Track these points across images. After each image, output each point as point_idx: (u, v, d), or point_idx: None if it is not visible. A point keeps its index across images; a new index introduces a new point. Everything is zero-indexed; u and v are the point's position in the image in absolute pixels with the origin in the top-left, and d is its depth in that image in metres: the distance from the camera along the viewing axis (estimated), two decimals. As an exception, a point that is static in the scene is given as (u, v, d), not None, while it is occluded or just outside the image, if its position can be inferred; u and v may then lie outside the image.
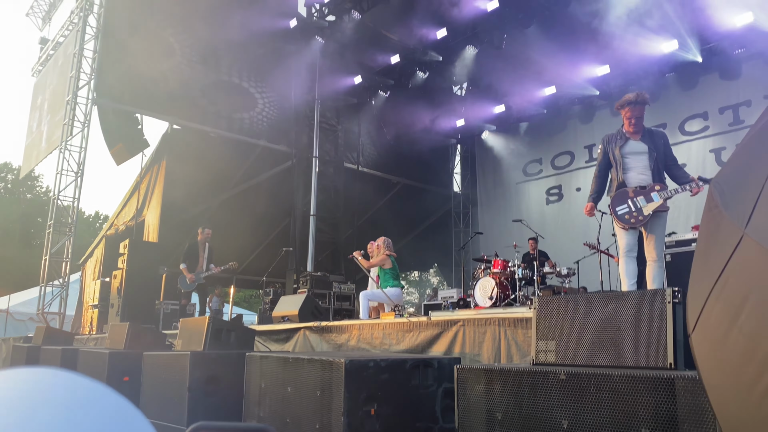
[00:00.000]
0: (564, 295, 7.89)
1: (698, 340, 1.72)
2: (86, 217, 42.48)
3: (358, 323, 5.46)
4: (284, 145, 14.16)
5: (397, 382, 3.21)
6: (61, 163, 12.17)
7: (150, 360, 4.94)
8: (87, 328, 11.73)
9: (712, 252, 1.65)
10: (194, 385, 4.21)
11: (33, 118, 15.38)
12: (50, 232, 12.25)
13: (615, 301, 2.59)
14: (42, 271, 12.26)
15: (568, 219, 14.66)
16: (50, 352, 6.84)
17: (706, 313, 1.64)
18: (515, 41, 12.76)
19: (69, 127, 12.11)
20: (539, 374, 2.49)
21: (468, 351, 4.10)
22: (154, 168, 12.96)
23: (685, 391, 2.06)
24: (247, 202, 14.12)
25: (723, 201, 1.59)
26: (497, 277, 8.48)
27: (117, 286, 10.50)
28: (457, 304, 10.42)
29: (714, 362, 1.63)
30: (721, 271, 1.53)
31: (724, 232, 1.56)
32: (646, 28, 11.45)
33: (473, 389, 2.71)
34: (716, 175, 1.80)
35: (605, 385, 2.25)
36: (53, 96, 13.66)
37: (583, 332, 2.64)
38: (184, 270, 9.63)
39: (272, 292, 11.17)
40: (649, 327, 2.44)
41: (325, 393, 3.17)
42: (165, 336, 6.39)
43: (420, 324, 4.64)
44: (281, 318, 7.11)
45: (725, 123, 12.50)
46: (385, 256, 7.98)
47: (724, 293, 1.54)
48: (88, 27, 12.54)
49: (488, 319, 4.04)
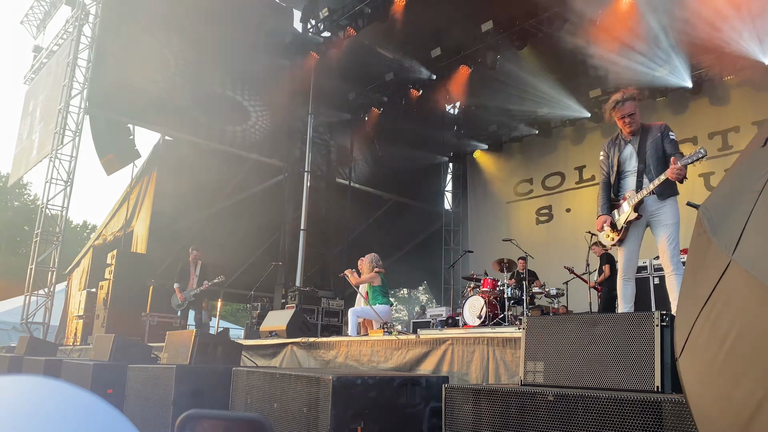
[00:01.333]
0: (553, 315, 7.90)
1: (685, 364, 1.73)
2: (74, 227, 42.15)
3: (347, 340, 5.44)
4: (276, 158, 14.17)
5: (384, 400, 3.19)
6: (50, 171, 12.11)
7: (135, 373, 4.89)
8: (71, 339, 11.58)
9: (700, 277, 1.66)
10: (179, 400, 4.17)
11: (24, 125, 15.30)
12: (37, 241, 12.14)
13: (604, 322, 2.60)
14: (27, 280, 12.12)
15: (558, 239, 14.72)
16: (33, 363, 6.74)
17: (693, 337, 1.65)
18: (509, 62, 12.89)
19: (60, 136, 12.06)
20: (527, 395, 2.48)
21: (456, 370, 4.09)
22: (144, 179, 12.91)
23: (672, 414, 2.06)
24: (238, 216, 14.08)
25: (711, 227, 1.61)
26: (486, 296, 8.49)
27: (103, 297, 10.41)
28: (446, 323, 10.41)
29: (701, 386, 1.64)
30: (709, 296, 1.54)
31: (712, 258, 1.58)
32: (638, 53, 11.62)
33: (461, 409, 2.70)
34: (705, 200, 1.82)
35: (593, 407, 2.25)
36: (45, 104, 13.62)
37: (571, 353, 2.65)
38: (176, 290, 9.67)
39: (260, 306, 11.10)
40: (637, 350, 2.45)
41: (311, 410, 3.15)
42: (151, 348, 6.33)
43: (408, 342, 4.62)
44: (269, 333, 7.07)
45: (714, 148, 12.65)
46: (374, 272, 7.97)
47: (711, 318, 1.55)
48: (82, 36, 12.55)
49: (477, 338, 4.04)
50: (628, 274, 4.50)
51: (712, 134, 12.76)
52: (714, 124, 12.73)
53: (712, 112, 12.77)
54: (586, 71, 12.29)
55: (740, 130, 12.18)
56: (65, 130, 12.10)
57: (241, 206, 14.29)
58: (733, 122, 12.40)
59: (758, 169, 1.47)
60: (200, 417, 1.01)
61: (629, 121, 4.52)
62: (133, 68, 11.55)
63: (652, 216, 4.41)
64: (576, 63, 11.65)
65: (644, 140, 4.48)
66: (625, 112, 4.52)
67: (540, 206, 15.93)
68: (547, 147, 15.82)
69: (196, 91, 12.63)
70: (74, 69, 12.31)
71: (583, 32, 11.24)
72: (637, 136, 4.52)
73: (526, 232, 15.56)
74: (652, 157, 4.40)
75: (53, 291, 12.29)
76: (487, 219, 17.22)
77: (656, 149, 4.41)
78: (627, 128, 4.56)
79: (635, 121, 4.53)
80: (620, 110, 4.53)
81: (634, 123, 4.54)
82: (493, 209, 17.15)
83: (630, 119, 4.51)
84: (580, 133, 15.08)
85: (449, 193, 18.98)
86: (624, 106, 4.51)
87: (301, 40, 13.89)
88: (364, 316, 7.95)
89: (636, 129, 4.55)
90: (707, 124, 12.83)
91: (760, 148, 1.56)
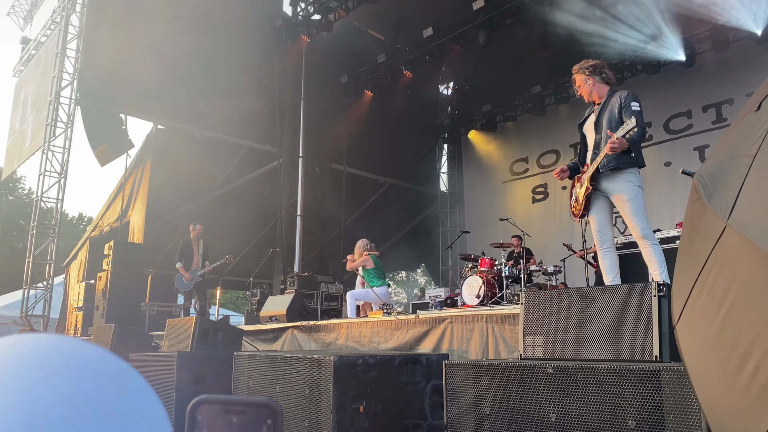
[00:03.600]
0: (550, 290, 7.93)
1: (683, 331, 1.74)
2: (69, 219, 42.02)
3: (347, 322, 5.46)
4: (270, 145, 14.11)
5: (385, 380, 3.21)
6: (44, 164, 12.04)
7: (136, 361, 4.91)
8: (72, 331, 11.61)
9: (696, 243, 1.67)
10: (181, 386, 4.19)
11: (15, 119, 15.19)
12: (33, 234, 12.11)
13: (601, 295, 2.61)
14: (25, 274, 12.11)
15: (554, 217, 14.76)
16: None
17: (690, 304, 1.65)
18: (501, 40, 12.81)
19: (52, 128, 11.98)
20: (527, 368, 2.50)
21: (456, 348, 4.12)
22: (138, 169, 12.86)
23: (671, 382, 2.08)
24: (233, 203, 14.05)
25: (706, 193, 1.61)
26: (484, 276, 8.52)
27: (102, 288, 10.41)
28: (445, 303, 10.44)
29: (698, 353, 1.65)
30: (705, 261, 1.55)
31: (707, 224, 1.58)
32: (630, 26, 11.56)
33: (461, 385, 2.72)
34: (699, 168, 1.82)
35: (592, 378, 2.27)
36: (36, 96, 13.51)
37: (569, 327, 2.66)
38: (180, 269, 9.59)
39: (259, 292, 11.13)
40: (635, 320, 2.46)
41: (314, 391, 3.17)
42: (152, 337, 6.35)
43: (408, 322, 4.64)
44: (269, 318, 7.09)
45: (708, 121, 12.65)
46: (366, 255, 8.03)
47: (707, 284, 1.56)
48: (70, 26, 12.41)
49: (476, 316, 4.06)
50: (605, 245, 4.42)
51: (705, 107, 12.75)
52: (707, 97, 12.72)
53: (706, 85, 12.75)
54: (579, 47, 12.24)
55: (734, 103, 12.17)
56: (57, 122, 12.01)
57: (236, 193, 14.27)
58: (727, 94, 12.38)
59: (752, 133, 1.47)
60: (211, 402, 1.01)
61: (579, 93, 4.54)
62: (123, 57, 11.44)
63: (607, 189, 4.34)
64: (569, 39, 11.57)
65: (603, 110, 4.39)
66: (575, 86, 4.57)
67: (536, 185, 15.94)
68: (541, 125, 15.79)
69: (188, 79, 12.53)
70: (63, 60, 12.19)
71: (575, 8, 11.16)
72: (602, 105, 4.43)
73: (522, 210, 15.59)
74: (605, 127, 4.30)
75: (52, 284, 12.28)
76: (483, 199, 17.23)
77: (611, 119, 4.29)
78: (585, 99, 4.55)
79: (585, 93, 4.50)
80: (573, 84, 4.59)
81: (586, 95, 4.50)
82: (488, 189, 17.15)
83: (580, 91, 4.53)
84: (575, 110, 15.04)
85: (444, 174, 18.98)
86: (574, 81, 4.57)
87: (290, 24, 13.77)
88: (362, 298, 8.00)
89: (594, 99, 4.49)
90: (701, 97, 12.82)
91: (753, 113, 1.55)
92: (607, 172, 4.25)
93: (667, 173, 12.62)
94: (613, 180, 4.27)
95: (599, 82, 4.46)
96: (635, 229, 4.18)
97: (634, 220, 4.17)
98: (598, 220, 4.43)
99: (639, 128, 3.95)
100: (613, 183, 4.28)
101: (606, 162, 4.22)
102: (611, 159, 4.19)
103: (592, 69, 4.48)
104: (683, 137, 13.06)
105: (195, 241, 9.82)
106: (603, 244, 4.43)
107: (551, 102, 15.34)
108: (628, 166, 4.22)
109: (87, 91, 11.70)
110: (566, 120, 15.21)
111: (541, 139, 15.89)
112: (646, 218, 4.21)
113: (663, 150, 13.18)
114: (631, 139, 4.01)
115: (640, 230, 4.16)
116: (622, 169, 4.21)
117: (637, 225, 4.16)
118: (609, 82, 4.51)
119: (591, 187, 4.32)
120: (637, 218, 4.17)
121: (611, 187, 4.30)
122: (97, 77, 11.54)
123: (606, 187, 4.32)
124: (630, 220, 4.20)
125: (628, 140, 4.00)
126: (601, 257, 4.46)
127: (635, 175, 4.25)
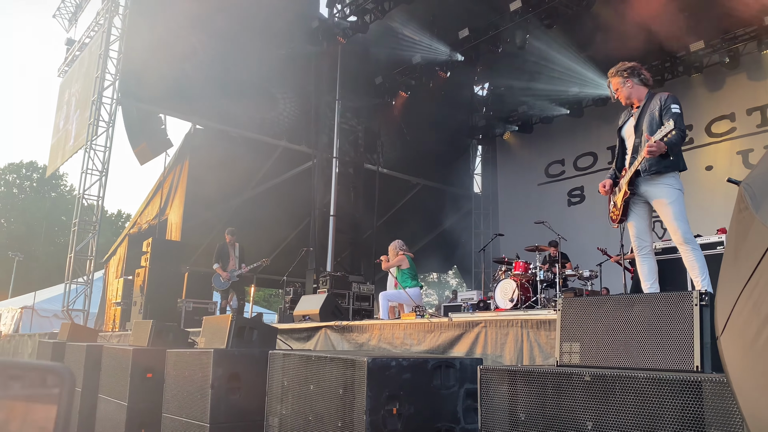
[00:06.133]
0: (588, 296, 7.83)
1: (727, 342, 1.70)
2: (109, 216, 43.13)
3: (380, 323, 5.48)
4: (305, 145, 14.24)
5: (419, 382, 3.21)
6: (86, 162, 12.38)
7: (173, 357, 5.00)
8: (110, 326, 11.91)
9: (742, 254, 1.63)
10: (217, 383, 4.25)
11: (59, 116, 15.64)
12: (75, 231, 12.45)
13: (641, 302, 2.57)
14: (67, 269, 12.45)
15: (591, 221, 14.53)
16: (75, 348, 6.95)
17: (735, 315, 1.62)
18: (538, 41, 12.68)
19: (94, 127, 12.31)
20: (564, 375, 2.47)
21: (489, 352, 4.10)
22: (176, 167, 13.12)
23: (713, 394, 2.04)
24: (268, 202, 14.22)
25: (754, 203, 1.57)
26: (518, 279, 8.44)
27: (140, 284, 10.64)
28: (477, 306, 10.38)
29: (743, 365, 1.61)
30: (752, 273, 1.51)
31: (755, 235, 1.54)
32: (673, 27, 11.31)
33: (497, 390, 2.70)
34: (746, 176, 1.78)
35: (631, 388, 2.24)
36: (79, 96, 13.89)
37: (607, 334, 2.62)
38: (218, 269, 9.82)
39: (292, 291, 11.24)
40: (676, 329, 2.42)
41: (347, 391, 3.19)
42: (188, 333, 6.46)
43: (441, 325, 4.64)
44: (302, 317, 7.15)
45: (753, 124, 12.30)
46: (402, 255, 8.04)
47: (754, 296, 1.52)
48: (113, 28, 12.73)
49: (511, 321, 4.03)
50: (643, 251, 4.33)
51: (750, 110, 12.40)
52: (752, 100, 12.37)
53: (750, 87, 12.40)
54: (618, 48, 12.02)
55: (780, 105, 11.83)
56: (99, 121, 12.34)
57: (271, 193, 14.43)
58: (773, 97, 12.04)
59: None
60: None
61: (617, 97, 4.46)
62: (163, 59, 11.69)
63: (647, 194, 4.24)
64: (607, 40, 11.39)
65: (643, 113, 4.28)
66: (612, 90, 4.49)
67: (572, 187, 15.73)
68: (578, 127, 15.57)
69: (225, 80, 12.73)
70: (106, 60, 12.51)
71: (614, 9, 10.98)
72: (641, 108, 4.33)
73: (558, 213, 15.39)
74: (646, 131, 4.17)
75: (92, 279, 12.61)
76: (517, 201, 17.07)
77: (651, 123, 4.17)
78: (622, 102, 4.47)
79: (623, 96, 4.41)
80: (609, 88, 4.51)
81: (623, 98, 4.42)
82: (523, 191, 16.98)
83: (617, 95, 4.45)
84: (613, 112, 14.77)
85: (478, 176, 18.85)
86: (610, 84, 4.48)
87: (327, 26, 13.87)
88: (394, 299, 8.01)
89: (633, 102, 4.40)
90: (745, 99, 12.48)
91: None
92: (647, 176, 4.17)
93: (709, 177, 12.32)
94: (653, 184, 4.18)
95: (638, 84, 4.38)
96: (676, 233, 4.08)
97: (675, 224, 4.06)
98: (637, 226, 4.35)
99: (678, 131, 3.87)
100: (653, 187, 4.19)
101: (647, 166, 4.14)
102: (652, 163, 4.11)
103: (630, 71, 4.39)
104: (726, 140, 12.72)
105: (231, 245, 10.02)
106: (642, 250, 4.35)
107: (588, 103, 15.11)
108: (669, 170, 4.13)
109: (128, 91, 12.00)
110: (603, 122, 14.96)
111: (577, 141, 15.68)
112: (687, 222, 4.11)
113: (704, 154, 12.87)
114: (670, 142, 3.93)
115: (681, 234, 4.05)
116: (663, 173, 4.13)
117: (679, 229, 4.05)
118: (647, 84, 4.43)
119: (629, 192, 4.25)
120: (678, 222, 4.06)
121: (651, 192, 4.21)
122: (137, 78, 11.82)
123: (646, 191, 4.24)
124: (671, 224, 4.10)
125: (666, 143, 3.92)
126: (640, 263, 4.37)
127: (676, 178, 4.16)
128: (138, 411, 5.26)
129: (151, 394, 5.20)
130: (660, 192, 4.15)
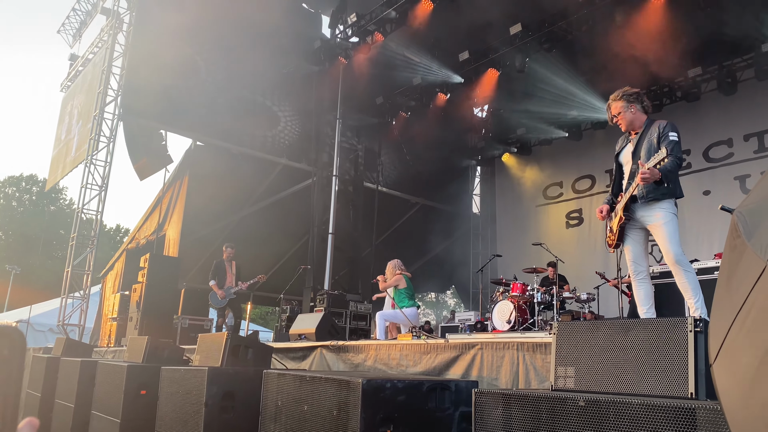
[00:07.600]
0: (584, 320, 7.81)
1: (720, 370, 1.71)
2: (107, 230, 43.07)
3: (375, 343, 5.46)
4: (305, 163, 14.30)
5: (413, 405, 3.20)
6: (86, 176, 12.40)
7: (168, 374, 4.98)
8: (105, 341, 11.84)
9: (735, 282, 1.64)
10: (211, 401, 4.23)
11: (61, 129, 15.70)
12: (74, 245, 12.43)
13: (636, 328, 2.58)
14: (64, 283, 12.41)
15: (589, 243, 14.55)
16: (70, 363, 6.91)
17: (728, 343, 1.63)
18: (537, 64, 12.79)
19: (95, 142, 12.35)
20: (558, 400, 2.47)
21: (485, 375, 4.08)
22: (176, 183, 13.15)
23: (707, 421, 2.03)
24: (267, 220, 14.24)
25: (746, 231, 1.59)
26: (516, 301, 8.43)
27: (136, 299, 10.60)
28: (475, 327, 10.35)
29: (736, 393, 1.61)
30: (743, 301, 1.52)
31: (747, 263, 1.56)
32: (670, 53, 11.43)
33: (491, 413, 2.70)
34: (739, 204, 1.80)
35: (625, 413, 2.23)
36: (81, 111, 13.96)
37: (603, 359, 2.62)
38: (214, 287, 9.81)
39: (289, 309, 11.20)
40: (670, 355, 2.42)
41: (341, 413, 3.17)
42: (183, 350, 6.44)
43: (437, 346, 4.62)
44: (298, 336, 7.13)
45: (750, 150, 12.37)
46: (399, 275, 8.04)
47: (746, 324, 1.53)
48: (117, 44, 12.84)
49: (507, 343, 4.02)
50: (639, 275, 4.36)
51: (747, 136, 12.48)
52: (749, 126, 12.45)
53: (747, 113, 12.48)
54: (616, 72, 12.14)
55: (777, 132, 11.90)
56: (100, 137, 12.39)
57: (270, 210, 14.45)
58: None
59: (795, 173, 1.44)
60: None
61: (617, 121, 4.48)
62: (166, 75, 11.79)
63: (642, 219, 4.28)
64: (606, 64, 11.50)
65: (642, 139, 4.33)
66: (612, 114, 4.50)
67: (570, 210, 15.76)
68: (577, 150, 15.65)
69: (227, 97, 12.83)
70: (109, 76, 12.59)
71: (613, 34, 11.10)
72: (640, 135, 4.37)
73: (556, 235, 15.41)
74: (644, 158, 4.21)
75: (88, 293, 12.57)
76: (515, 222, 17.09)
77: (649, 150, 4.22)
78: (622, 128, 4.48)
79: (625, 122, 4.43)
80: (609, 112, 4.52)
81: (625, 123, 4.44)
82: (522, 213, 17.01)
83: (617, 119, 4.47)
84: (612, 135, 14.84)
85: (477, 196, 18.90)
86: (610, 108, 4.50)
87: (329, 46, 14.00)
88: (391, 319, 8.00)
89: (633, 128, 4.43)
90: (742, 125, 12.56)
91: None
92: (643, 203, 4.21)
93: (706, 202, 12.36)
94: (648, 209, 4.23)
95: (639, 110, 4.43)
96: (668, 255, 4.11)
97: (668, 246, 4.10)
98: (633, 251, 4.38)
99: (672, 158, 3.91)
100: (647, 212, 4.24)
101: (644, 192, 4.18)
102: (649, 190, 4.15)
103: (635, 96, 4.43)
104: (723, 166, 12.78)
105: (228, 262, 10.00)
106: (638, 274, 4.38)
107: (587, 127, 15.21)
108: (666, 197, 4.18)
109: (130, 106, 12.06)
110: (602, 145, 15.04)
111: (576, 164, 15.74)
112: (680, 245, 4.15)
113: (702, 179, 12.93)
114: (664, 169, 3.96)
115: (674, 256, 4.09)
116: (660, 200, 4.18)
117: (671, 250, 4.09)
118: (647, 111, 4.49)
119: (624, 218, 4.29)
120: (670, 244, 4.10)
121: (647, 217, 4.26)
122: (139, 93, 11.90)
123: (641, 216, 4.29)
124: (664, 246, 4.14)
125: (660, 170, 3.95)
126: (636, 288, 4.39)
127: (671, 204, 4.21)
128: (130, 428, 5.22)
129: (145, 411, 5.17)
130: (654, 216, 4.20)
